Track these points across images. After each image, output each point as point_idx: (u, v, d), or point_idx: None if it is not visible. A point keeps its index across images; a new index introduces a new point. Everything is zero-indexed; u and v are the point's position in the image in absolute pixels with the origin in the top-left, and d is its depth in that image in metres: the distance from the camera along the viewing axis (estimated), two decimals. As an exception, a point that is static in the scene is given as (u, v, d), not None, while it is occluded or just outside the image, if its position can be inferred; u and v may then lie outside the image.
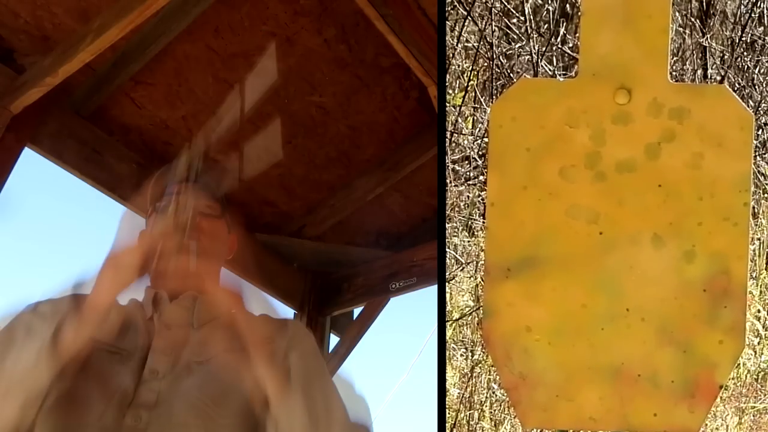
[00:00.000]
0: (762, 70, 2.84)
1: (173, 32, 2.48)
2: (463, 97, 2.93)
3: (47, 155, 2.59)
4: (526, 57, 2.86)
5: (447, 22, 2.80)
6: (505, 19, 2.93)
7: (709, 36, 2.91)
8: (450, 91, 2.92)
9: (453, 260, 2.43)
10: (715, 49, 2.92)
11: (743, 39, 2.88)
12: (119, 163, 2.77)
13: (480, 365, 2.09)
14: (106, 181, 2.72)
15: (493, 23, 2.85)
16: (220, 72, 2.67)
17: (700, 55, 2.91)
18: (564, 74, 2.80)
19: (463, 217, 2.59)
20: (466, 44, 3.01)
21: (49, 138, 2.57)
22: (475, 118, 2.94)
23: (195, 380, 1.15)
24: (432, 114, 2.90)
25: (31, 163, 2.73)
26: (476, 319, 2.21)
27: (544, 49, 2.83)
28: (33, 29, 2.42)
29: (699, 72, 2.89)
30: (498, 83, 2.84)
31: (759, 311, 2.23)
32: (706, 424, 1.94)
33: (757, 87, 2.83)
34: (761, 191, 2.56)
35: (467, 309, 2.29)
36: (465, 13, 2.87)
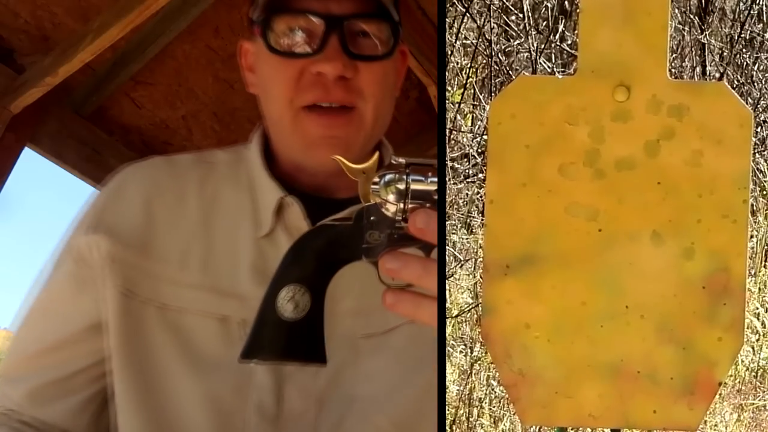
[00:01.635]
0: (761, 68, 2.84)
1: (173, 32, 2.48)
2: (462, 94, 2.92)
3: (47, 155, 2.59)
4: (525, 54, 2.86)
5: (446, 19, 2.80)
6: (504, 16, 2.93)
7: (708, 33, 2.91)
8: (448, 89, 2.92)
9: (451, 257, 2.43)
10: (714, 46, 2.92)
11: (742, 36, 2.88)
12: (119, 163, 2.74)
13: (479, 362, 2.09)
14: (106, 181, 2.72)
15: (492, 20, 2.85)
16: (220, 72, 2.67)
17: (699, 52, 2.91)
18: (563, 71, 2.80)
19: (462, 214, 2.60)
20: (464, 41, 3.01)
21: (49, 138, 2.57)
22: (474, 115, 2.94)
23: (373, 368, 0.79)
24: (431, 114, 2.90)
25: (31, 163, 2.74)
26: (475, 315, 2.21)
27: (542, 46, 2.83)
28: (33, 29, 2.42)
29: (698, 69, 2.89)
30: (497, 80, 2.84)
31: (757, 308, 2.23)
32: (705, 421, 1.94)
33: (756, 84, 2.83)
34: (759, 188, 2.56)
35: (466, 306, 2.29)
36: (463, 9, 2.87)
